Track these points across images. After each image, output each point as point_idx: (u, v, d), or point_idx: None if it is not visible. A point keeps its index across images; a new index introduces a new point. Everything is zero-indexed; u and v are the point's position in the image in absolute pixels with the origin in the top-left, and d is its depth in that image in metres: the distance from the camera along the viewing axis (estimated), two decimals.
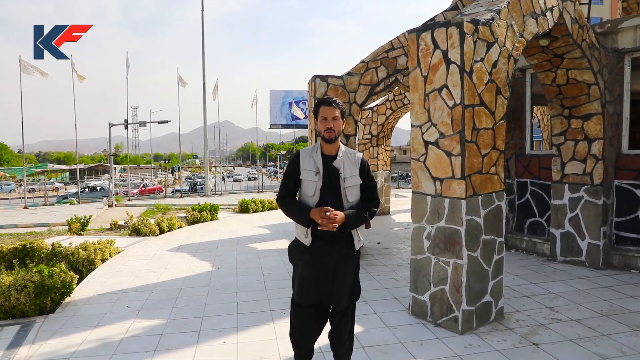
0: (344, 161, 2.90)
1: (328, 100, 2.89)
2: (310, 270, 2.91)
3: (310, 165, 2.88)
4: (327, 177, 2.86)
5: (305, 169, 2.88)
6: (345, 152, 2.95)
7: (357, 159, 2.96)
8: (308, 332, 3.05)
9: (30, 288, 4.77)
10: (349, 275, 2.95)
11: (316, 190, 2.85)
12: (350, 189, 2.87)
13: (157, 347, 3.97)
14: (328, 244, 2.88)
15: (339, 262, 2.90)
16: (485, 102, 4.16)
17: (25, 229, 14.42)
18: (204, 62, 28.33)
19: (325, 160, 2.89)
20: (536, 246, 7.06)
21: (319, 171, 2.84)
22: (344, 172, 2.87)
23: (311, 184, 2.86)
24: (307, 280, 2.93)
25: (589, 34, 5.76)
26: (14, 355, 3.89)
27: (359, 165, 2.94)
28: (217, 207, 13.32)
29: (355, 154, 3.00)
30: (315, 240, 2.89)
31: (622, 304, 4.74)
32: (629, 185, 6.18)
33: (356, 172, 2.91)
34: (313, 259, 2.90)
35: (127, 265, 7.09)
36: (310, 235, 2.87)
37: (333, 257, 2.89)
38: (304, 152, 2.95)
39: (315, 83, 6.98)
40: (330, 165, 2.88)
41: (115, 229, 12.15)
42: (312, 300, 2.95)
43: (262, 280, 6.01)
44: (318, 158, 2.89)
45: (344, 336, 3.09)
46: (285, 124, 43.34)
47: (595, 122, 6.04)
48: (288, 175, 2.96)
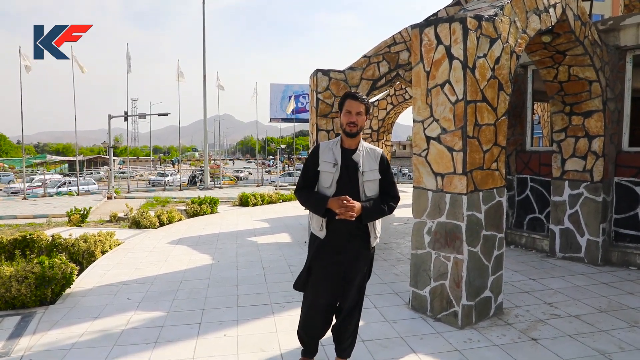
0: (363, 155, 2.90)
1: (355, 94, 2.88)
2: (325, 265, 2.92)
3: (329, 157, 2.88)
4: (345, 170, 2.86)
5: (323, 161, 2.89)
6: (365, 147, 2.95)
7: (377, 154, 2.96)
8: (318, 327, 3.09)
9: (31, 279, 4.78)
10: (360, 272, 2.96)
11: (333, 181, 2.85)
12: (368, 183, 2.87)
13: (158, 339, 3.99)
14: (343, 238, 2.88)
15: (353, 258, 2.90)
16: (487, 98, 4.16)
17: (25, 220, 14.44)
18: (205, 55, 28.24)
19: (344, 154, 2.89)
20: (535, 242, 7.08)
21: (337, 163, 2.85)
22: (362, 166, 2.87)
23: (328, 175, 2.86)
24: (322, 276, 2.94)
25: (591, 31, 5.75)
26: (15, 345, 3.90)
27: (379, 161, 2.93)
28: (217, 200, 13.33)
29: (376, 149, 2.99)
30: (331, 234, 2.88)
31: (620, 300, 4.76)
32: (629, 182, 6.20)
33: (375, 167, 2.90)
34: (328, 253, 2.90)
35: (127, 258, 7.10)
36: (325, 228, 2.87)
37: (347, 253, 2.90)
38: (324, 145, 2.97)
39: (317, 77, 6.97)
40: (350, 159, 2.88)
41: (115, 221, 12.17)
42: (326, 298, 2.97)
43: (262, 274, 6.03)
44: (337, 151, 2.90)
45: (348, 331, 3.10)
46: (285, 117, 43.25)
47: (596, 119, 6.04)
48: (307, 167, 2.97)
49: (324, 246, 2.91)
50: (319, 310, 3.04)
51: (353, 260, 2.91)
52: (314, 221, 2.96)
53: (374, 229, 2.92)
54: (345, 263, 2.90)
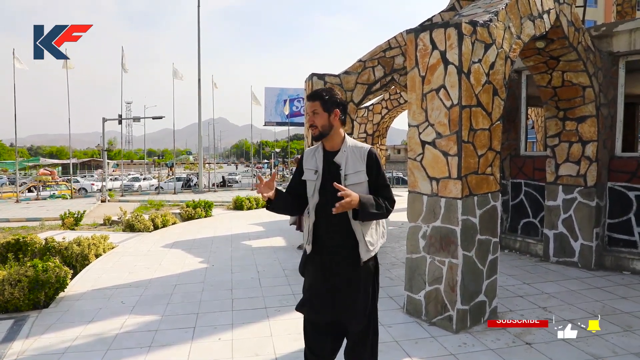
0: (347, 156, 2.51)
1: (310, 93, 2.58)
2: (316, 282, 2.58)
3: (312, 164, 2.59)
4: (327, 176, 2.51)
5: (306, 169, 2.60)
6: (350, 146, 2.55)
7: (364, 152, 2.53)
8: (319, 351, 2.64)
9: (25, 282, 4.75)
10: (360, 292, 2.54)
11: (315, 190, 2.52)
12: (353, 187, 2.43)
13: (152, 342, 3.97)
14: (333, 250, 2.53)
15: (345, 272, 2.52)
16: (482, 103, 4.19)
17: (18, 223, 14.32)
18: (200, 57, 28.18)
19: (326, 157, 2.56)
20: (530, 247, 7.12)
21: (317, 169, 2.54)
22: (345, 168, 2.49)
23: (311, 184, 2.56)
24: (313, 294, 2.59)
25: (585, 36, 5.81)
26: (8, 349, 3.87)
27: (365, 160, 2.51)
28: (212, 203, 13.31)
29: (363, 147, 2.57)
30: (316, 247, 2.56)
31: (614, 304, 4.79)
32: (622, 187, 6.25)
33: (361, 168, 2.49)
34: (316, 270, 2.58)
35: (121, 261, 7.07)
36: (312, 243, 2.56)
37: (335, 270, 2.52)
38: (308, 152, 2.67)
39: (312, 81, 6.99)
40: (332, 162, 2.53)
41: (109, 225, 12.09)
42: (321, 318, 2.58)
43: (257, 278, 6.02)
44: (319, 155, 2.58)
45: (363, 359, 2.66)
46: (280, 121, 43.27)
47: (589, 124, 6.09)
48: (293, 176, 2.71)
49: (312, 260, 2.60)
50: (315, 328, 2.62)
51: (344, 276, 2.52)
52: (303, 234, 2.69)
53: (363, 240, 2.48)
54: (334, 280, 2.52)
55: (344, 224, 2.50)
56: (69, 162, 30.90)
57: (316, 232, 2.54)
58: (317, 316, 2.59)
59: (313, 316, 2.60)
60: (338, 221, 2.49)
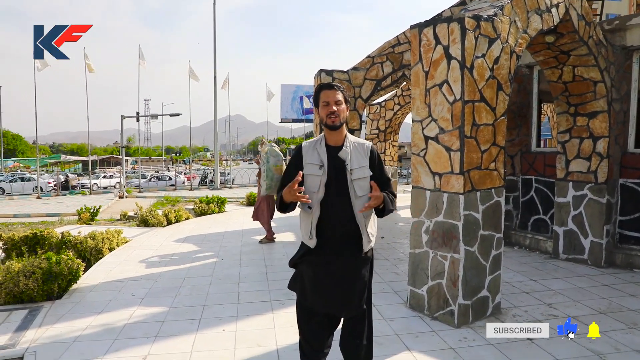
0: (350, 151, 2.59)
1: (329, 83, 2.62)
2: (319, 277, 2.60)
3: (314, 158, 2.59)
4: (332, 170, 2.56)
5: (308, 163, 2.59)
6: (352, 142, 2.64)
7: (367, 148, 2.65)
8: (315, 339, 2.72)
9: (38, 274, 4.91)
10: (359, 280, 2.61)
11: (321, 185, 2.54)
12: (358, 181, 2.54)
13: (159, 333, 4.08)
14: (336, 245, 2.58)
15: (347, 266, 2.58)
16: (485, 98, 4.17)
17: (38, 218, 14.71)
18: (215, 55, 28.43)
19: (330, 152, 2.60)
20: (539, 243, 7.05)
21: (323, 164, 2.56)
22: (350, 163, 2.56)
23: (315, 178, 2.55)
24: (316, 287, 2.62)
25: (596, 30, 5.71)
26: (21, 337, 4.02)
27: (369, 156, 2.62)
28: (225, 199, 13.46)
29: (365, 143, 2.68)
30: (322, 241, 2.58)
31: (621, 302, 4.73)
32: (634, 184, 6.14)
33: (365, 164, 2.58)
34: (319, 264, 2.61)
35: (133, 255, 7.22)
36: (316, 236, 2.57)
37: (340, 261, 2.58)
38: (307, 145, 2.68)
39: (320, 77, 7.03)
40: (336, 157, 2.58)
41: (125, 220, 12.35)
42: (323, 308, 2.64)
43: (265, 272, 6.10)
44: (322, 150, 2.60)
45: (359, 349, 2.72)
46: (296, 118, 43.37)
47: (600, 119, 6.00)
48: (289, 169, 2.67)
49: (314, 255, 2.61)
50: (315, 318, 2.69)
51: (347, 268, 2.58)
52: (302, 229, 2.66)
53: (366, 232, 2.58)
54: (338, 273, 2.57)
55: (347, 217, 2.57)
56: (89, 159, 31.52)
57: (319, 226, 2.58)
58: (319, 307, 2.65)
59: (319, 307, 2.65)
60: (342, 214, 2.57)
